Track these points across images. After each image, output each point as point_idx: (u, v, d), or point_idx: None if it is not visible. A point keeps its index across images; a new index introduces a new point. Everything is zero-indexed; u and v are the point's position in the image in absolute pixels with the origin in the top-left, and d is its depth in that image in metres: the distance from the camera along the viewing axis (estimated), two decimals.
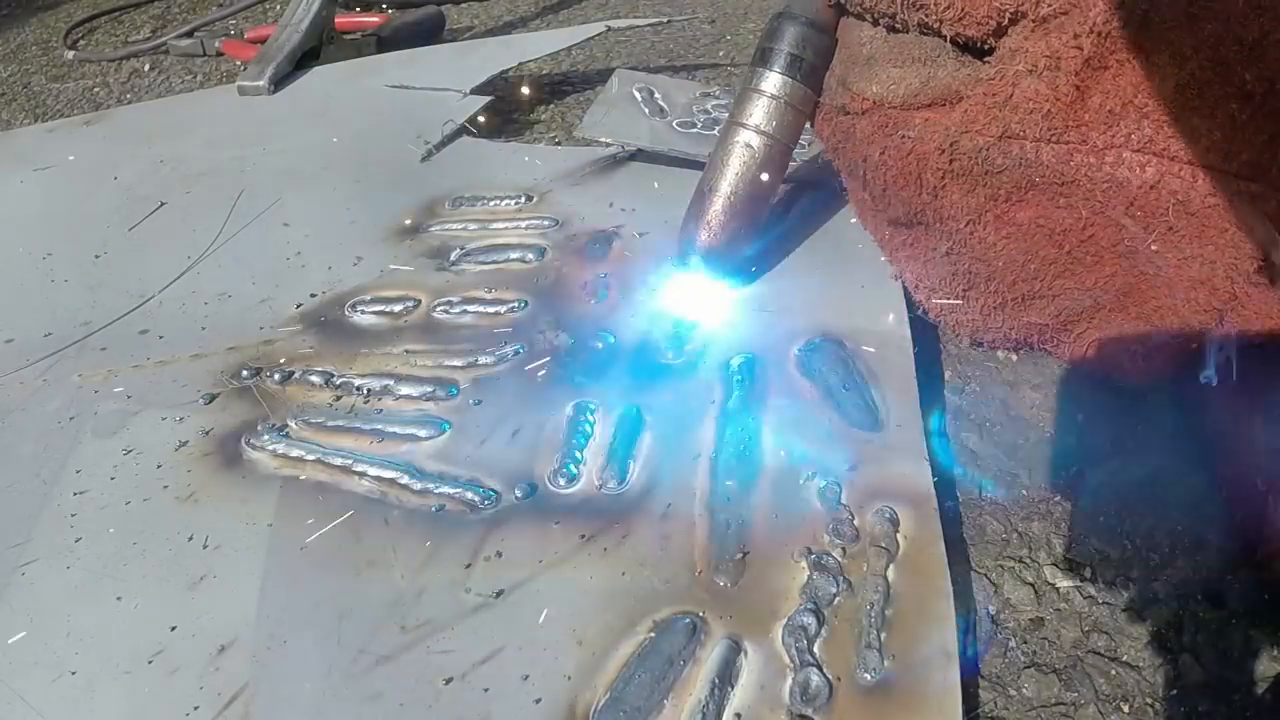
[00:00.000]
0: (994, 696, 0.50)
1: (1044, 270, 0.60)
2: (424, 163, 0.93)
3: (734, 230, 0.68)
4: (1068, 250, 0.58)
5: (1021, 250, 0.59)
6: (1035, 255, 0.59)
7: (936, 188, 0.60)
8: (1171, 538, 0.59)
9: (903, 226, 0.67)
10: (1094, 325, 0.63)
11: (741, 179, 0.67)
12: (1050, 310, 0.62)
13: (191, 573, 0.52)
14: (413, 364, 0.66)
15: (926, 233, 0.64)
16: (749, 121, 0.66)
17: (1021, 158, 0.55)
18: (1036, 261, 0.59)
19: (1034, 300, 0.62)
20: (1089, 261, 0.58)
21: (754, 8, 1.54)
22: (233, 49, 1.39)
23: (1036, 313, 0.63)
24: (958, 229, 0.61)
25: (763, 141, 0.66)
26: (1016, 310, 0.64)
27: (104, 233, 0.84)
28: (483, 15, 1.59)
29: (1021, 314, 0.64)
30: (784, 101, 0.66)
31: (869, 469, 0.56)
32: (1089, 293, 0.60)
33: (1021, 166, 0.55)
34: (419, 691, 0.46)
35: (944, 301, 0.67)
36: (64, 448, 0.61)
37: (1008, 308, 0.64)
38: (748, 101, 0.67)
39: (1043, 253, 0.59)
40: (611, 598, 0.50)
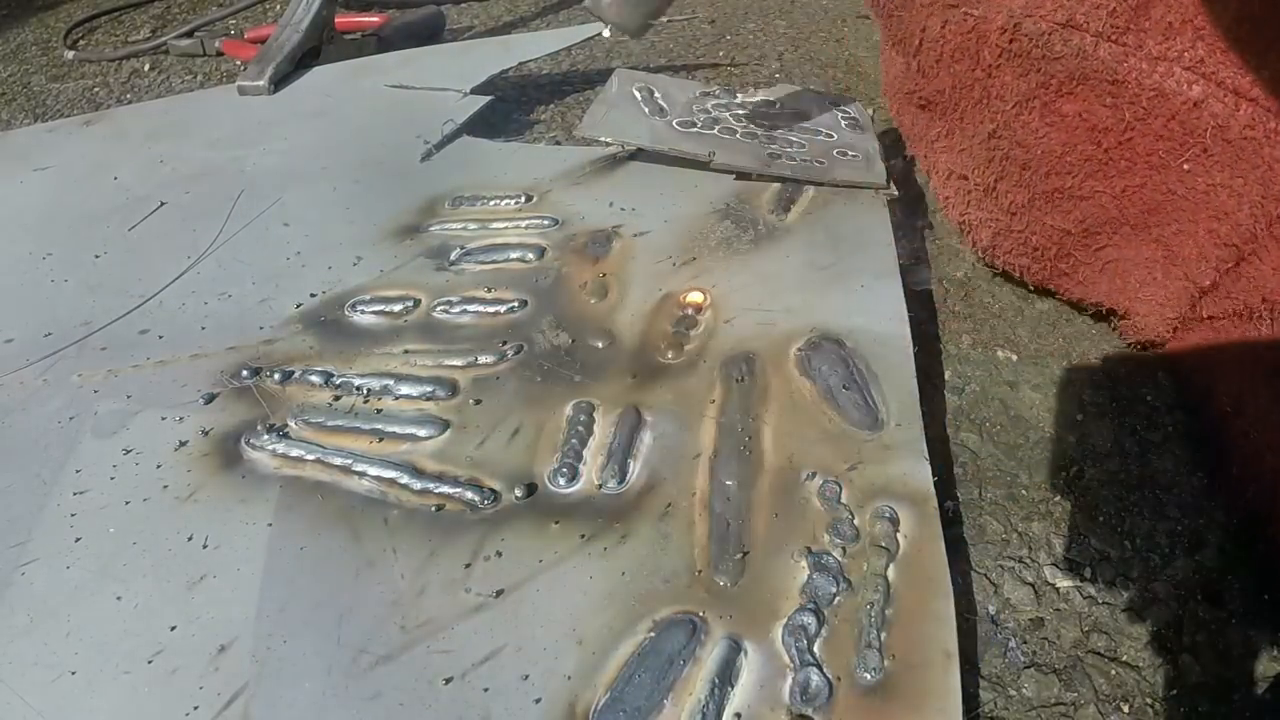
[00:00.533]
0: (994, 696, 0.50)
1: (1079, 166, 0.62)
2: (424, 163, 0.93)
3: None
4: (1105, 149, 0.60)
5: (1061, 141, 0.61)
6: (1073, 149, 0.61)
7: (992, 66, 0.62)
8: (1171, 538, 0.59)
9: (939, 111, 0.68)
10: (1114, 243, 0.64)
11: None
12: (1076, 215, 0.64)
13: (191, 573, 0.52)
14: (413, 364, 0.66)
15: (967, 116, 0.66)
16: None
17: (1080, 49, 0.57)
18: (1074, 155, 0.61)
19: (1063, 200, 0.64)
20: (1122, 166, 0.60)
21: (754, 8, 1.54)
22: (233, 49, 1.39)
23: (1062, 216, 0.65)
24: (1004, 110, 0.63)
25: None
26: (1044, 210, 0.65)
27: (104, 233, 0.84)
28: (483, 15, 1.59)
29: (1047, 215, 0.65)
30: None
31: (869, 469, 0.56)
32: (1116, 201, 0.61)
33: (1078, 57, 0.57)
34: (419, 691, 0.46)
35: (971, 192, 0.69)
36: (64, 448, 0.61)
37: (1036, 205, 0.65)
38: None
39: (1081, 147, 0.61)
40: (611, 598, 0.50)
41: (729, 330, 0.68)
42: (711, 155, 0.85)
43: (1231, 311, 0.59)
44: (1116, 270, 0.66)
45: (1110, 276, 0.66)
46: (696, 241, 0.78)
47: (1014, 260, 0.72)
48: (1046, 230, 0.66)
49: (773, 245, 0.77)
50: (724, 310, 0.70)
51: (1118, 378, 0.71)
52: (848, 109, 0.98)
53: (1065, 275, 0.69)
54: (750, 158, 0.86)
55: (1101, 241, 0.65)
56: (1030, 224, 0.67)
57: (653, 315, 0.70)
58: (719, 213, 0.82)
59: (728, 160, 0.85)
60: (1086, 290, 0.69)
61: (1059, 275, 0.70)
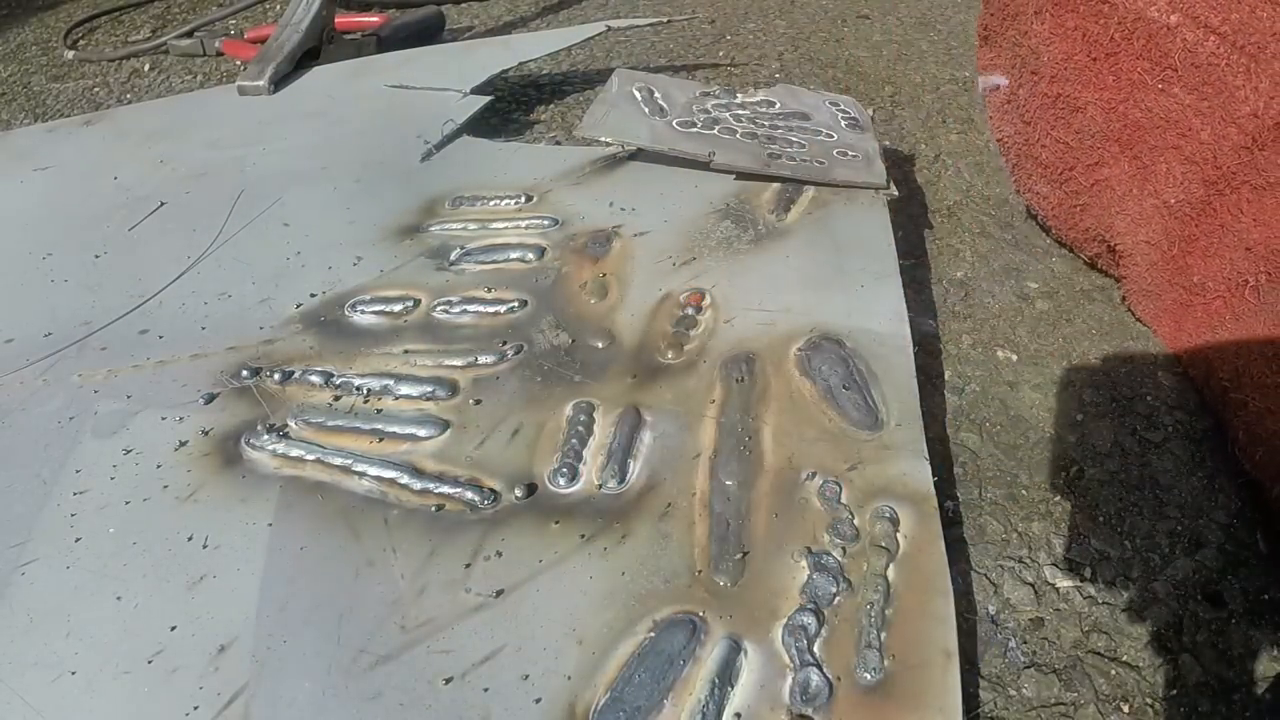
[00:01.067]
0: (994, 696, 0.50)
1: (1075, 75, 0.72)
2: (424, 163, 0.93)
3: None
4: (1095, 60, 0.71)
5: (1063, 50, 0.73)
6: (1071, 58, 0.72)
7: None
8: (1171, 538, 0.59)
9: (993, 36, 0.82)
10: (1103, 160, 0.74)
11: None
12: (1074, 126, 0.75)
13: (191, 573, 0.52)
14: (413, 364, 0.66)
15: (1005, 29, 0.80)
16: None
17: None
18: (1071, 64, 0.72)
19: (1064, 109, 0.75)
20: (1109, 80, 0.70)
21: (754, 8, 1.54)
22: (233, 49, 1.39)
23: (1064, 127, 0.76)
24: (1026, 17, 0.76)
25: None
26: (1050, 121, 0.77)
27: (104, 233, 0.84)
28: (483, 15, 1.59)
29: (1053, 127, 0.77)
30: None
31: (869, 469, 0.56)
32: (1104, 114, 0.72)
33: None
34: (419, 691, 0.46)
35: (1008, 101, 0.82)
36: (64, 448, 0.61)
37: (1044, 115, 0.77)
38: None
39: (1076, 57, 0.72)
40: (611, 598, 0.50)
41: (729, 330, 0.68)
42: (711, 155, 0.85)
43: (1221, 278, 0.64)
44: (1105, 189, 0.76)
45: (1100, 196, 0.76)
46: (696, 241, 0.78)
47: (1036, 187, 0.83)
48: (1053, 144, 0.77)
49: (773, 245, 0.77)
50: (724, 310, 0.70)
51: (1118, 378, 0.71)
52: (848, 109, 0.98)
53: (1070, 199, 0.79)
54: (750, 158, 0.86)
55: (1095, 157, 0.75)
56: (1040, 135, 0.78)
57: (653, 315, 0.70)
58: (719, 213, 0.82)
59: (728, 160, 0.85)
60: (1084, 216, 0.79)
61: (1066, 201, 0.80)
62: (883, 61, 1.31)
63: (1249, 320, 0.63)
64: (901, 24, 1.45)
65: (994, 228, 0.92)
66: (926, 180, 1.01)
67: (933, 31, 1.42)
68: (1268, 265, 0.60)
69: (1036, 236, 0.90)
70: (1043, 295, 0.81)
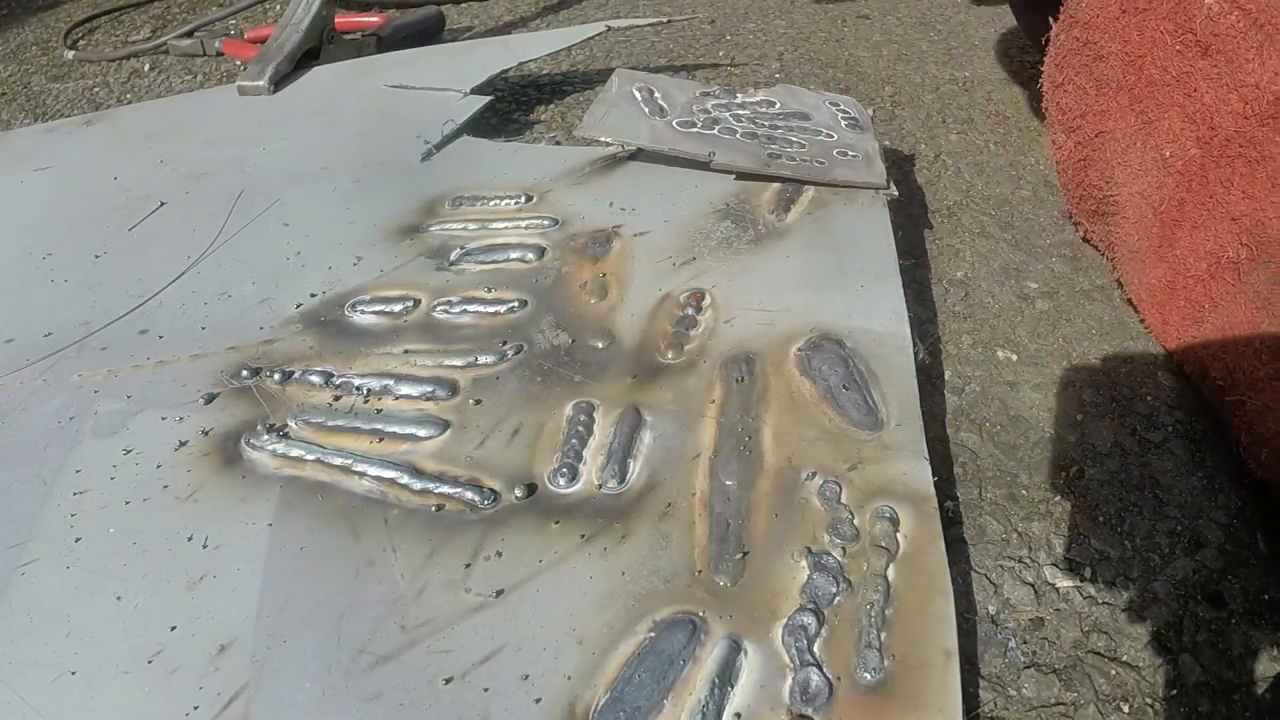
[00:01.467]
0: (994, 696, 0.50)
1: (1105, 24, 0.76)
2: (424, 163, 0.93)
3: None
4: (1125, 13, 0.74)
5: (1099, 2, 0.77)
6: (1105, 8, 0.76)
7: None
8: (1171, 538, 0.59)
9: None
10: (1111, 112, 0.78)
11: None
12: (1094, 73, 0.79)
13: (191, 573, 0.52)
14: (413, 364, 0.66)
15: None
16: None
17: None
18: (1104, 14, 0.76)
19: (1089, 56, 0.79)
20: (1133, 34, 0.73)
21: (754, 8, 1.54)
22: (233, 49, 1.39)
23: (1086, 72, 0.80)
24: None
25: None
26: (1075, 66, 0.81)
27: (104, 233, 0.84)
28: (483, 15, 1.59)
29: (1077, 72, 0.81)
30: None
31: (869, 469, 0.56)
32: (1122, 65, 0.75)
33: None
34: (419, 691, 0.46)
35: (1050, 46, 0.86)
36: (64, 448, 0.61)
37: (1071, 60, 0.81)
38: None
39: (1110, 8, 0.75)
40: (611, 598, 0.50)
41: (729, 330, 0.68)
42: (711, 155, 0.85)
43: (1203, 250, 0.67)
44: (1109, 140, 0.79)
45: (1103, 148, 0.80)
46: (696, 241, 0.78)
47: (1054, 135, 0.87)
48: (1074, 89, 0.82)
49: (773, 245, 0.77)
50: (724, 310, 0.70)
51: (1118, 378, 0.71)
52: (848, 109, 0.98)
53: (1078, 151, 0.83)
54: (750, 158, 0.86)
55: (1106, 106, 0.78)
56: (1066, 79, 0.83)
57: (653, 315, 0.70)
58: (719, 213, 0.82)
59: (728, 160, 0.85)
60: (1088, 170, 0.83)
61: (1074, 153, 0.84)
62: (883, 61, 1.31)
63: (1229, 306, 0.65)
64: (901, 24, 1.45)
65: (994, 228, 0.92)
66: (926, 180, 1.01)
67: (933, 31, 1.42)
68: (1250, 239, 0.62)
69: (1036, 236, 0.90)
70: (1043, 295, 0.81)
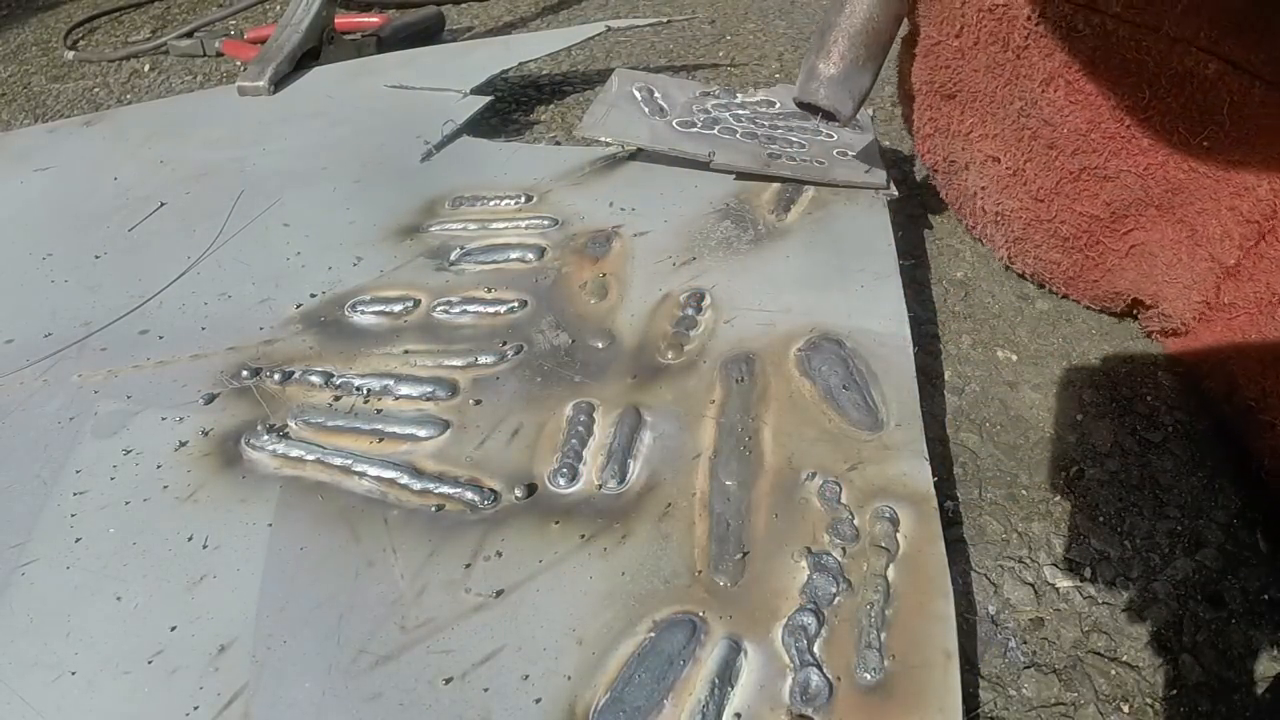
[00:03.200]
0: (994, 696, 0.50)
1: (1104, 145, 0.64)
2: (424, 163, 0.93)
3: (853, 60, 0.71)
4: (1128, 126, 0.62)
5: (1086, 119, 0.64)
6: (1098, 126, 0.63)
7: (1020, 48, 0.65)
8: (1171, 538, 0.59)
9: (969, 100, 0.73)
10: (1140, 225, 0.66)
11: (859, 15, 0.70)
12: (1103, 198, 0.66)
13: (191, 573, 0.52)
14: (413, 364, 0.66)
15: (998, 98, 0.70)
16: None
17: (1101, 28, 0.59)
18: (1098, 133, 0.63)
19: (1090, 181, 0.66)
20: (1145, 144, 0.62)
21: (754, 8, 1.54)
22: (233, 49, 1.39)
23: (1090, 200, 0.67)
24: (1031, 88, 0.66)
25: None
26: (1071, 195, 0.68)
27: (104, 233, 0.84)
28: (483, 15, 1.59)
29: (1075, 201, 0.68)
30: None
31: (869, 469, 0.56)
32: (1140, 180, 0.63)
33: (1100, 37, 0.60)
34: (419, 691, 0.46)
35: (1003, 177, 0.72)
36: (64, 448, 0.61)
37: (1064, 190, 0.68)
38: None
39: (1104, 125, 0.63)
40: (611, 598, 0.50)
41: (729, 330, 0.68)
42: (711, 155, 0.85)
43: (1252, 296, 0.60)
44: (1143, 254, 0.67)
45: (1137, 262, 0.68)
46: (696, 241, 0.78)
47: (1045, 255, 0.74)
48: (1076, 218, 0.69)
49: (773, 245, 0.77)
50: (724, 310, 0.70)
51: (1118, 378, 0.71)
52: None
53: (1094, 265, 0.72)
54: (750, 158, 0.86)
55: (1129, 225, 0.66)
56: (1059, 211, 0.70)
57: (653, 315, 0.70)
58: (719, 213, 0.82)
59: (728, 160, 0.85)
60: (1114, 280, 0.71)
61: (1089, 267, 0.72)
62: None
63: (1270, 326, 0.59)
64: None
65: None
66: (926, 180, 1.01)
67: None
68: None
69: None
70: (1043, 295, 0.80)
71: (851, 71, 0.71)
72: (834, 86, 0.71)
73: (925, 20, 0.73)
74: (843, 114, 0.73)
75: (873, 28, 0.71)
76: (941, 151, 0.80)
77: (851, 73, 0.71)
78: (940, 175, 0.84)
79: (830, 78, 0.71)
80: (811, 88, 0.72)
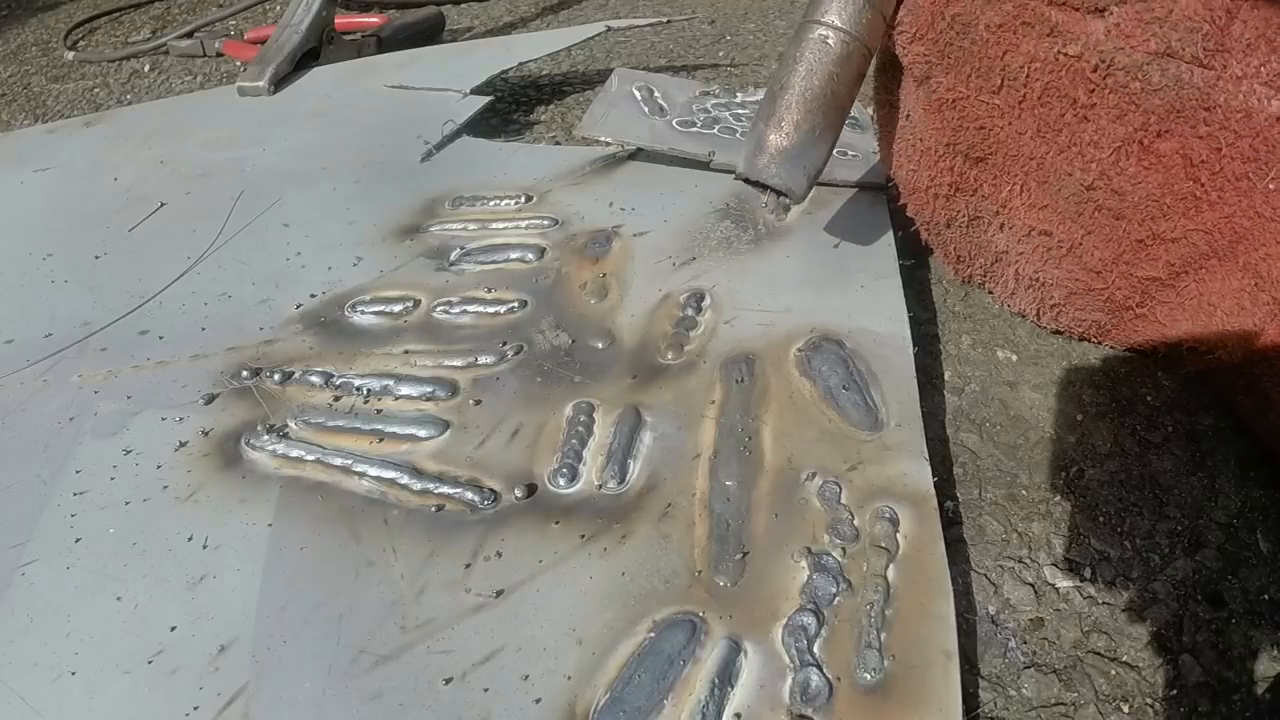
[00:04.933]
0: (994, 696, 0.50)
1: (1176, 206, 0.57)
2: (424, 163, 0.93)
3: (808, 130, 0.61)
4: (1201, 184, 0.56)
5: (1159, 183, 0.57)
6: (1170, 189, 0.57)
7: (1086, 107, 0.57)
8: (1171, 538, 0.59)
9: (1005, 163, 0.63)
10: (1198, 278, 0.61)
11: (816, 75, 0.61)
12: (1165, 259, 0.60)
13: (191, 573, 0.52)
14: (413, 364, 0.66)
15: (1050, 165, 0.61)
16: (824, 18, 0.61)
17: (1177, 78, 0.53)
18: (1170, 196, 0.57)
19: (1154, 246, 0.60)
20: (1214, 198, 0.56)
21: (754, 8, 1.54)
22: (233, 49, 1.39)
23: (1151, 264, 0.61)
24: (1101, 158, 0.58)
25: (839, 38, 0.61)
26: (1132, 262, 0.62)
27: (104, 233, 0.84)
28: (483, 15, 1.59)
29: (1136, 267, 0.62)
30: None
31: (869, 469, 0.56)
32: (1206, 237, 0.58)
33: (1176, 88, 0.54)
34: (419, 691, 0.46)
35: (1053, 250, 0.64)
36: (64, 448, 0.61)
37: (1124, 259, 0.62)
38: None
39: (1178, 186, 0.56)
40: (611, 598, 0.50)
41: (729, 331, 0.68)
42: (711, 155, 0.85)
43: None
44: (1200, 305, 0.61)
45: (1193, 313, 0.62)
46: (696, 241, 0.78)
47: (1085, 317, 0.68)
48: (1133, 283, 0.63)
49: (773, 245, 0.77)
50: (724, 310, 0.70)
51: (1118, 378, 0.71)
52: None
53: (1145, 323, 0.66)
54: None
55: (1188, 280, 0.61)
56: (1116, 280, 0.63)
57: (653, 315, 0.70)
58: (719, 213, 0.82)
59: (728, 160, 0.85)
60: (1165, 332, 0.65)
61: (1137, 325, 0.67)
62: None
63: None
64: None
65: None
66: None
67: None
68: None
69: None
70: None
71: (806, 144, 0.61)
72: (786, 162, 0.61)
73: (942, 69, 0.62)
74: (795, 194, 0.63)
75: (832, 91, 0.61)
76: (965, 210, 0.70)
77: (806, 146, 0.61)
78: (956, 230, 0.74)
79: (782, 151, 0.61)
80: (760, 164, 0.62)
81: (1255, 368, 0.62)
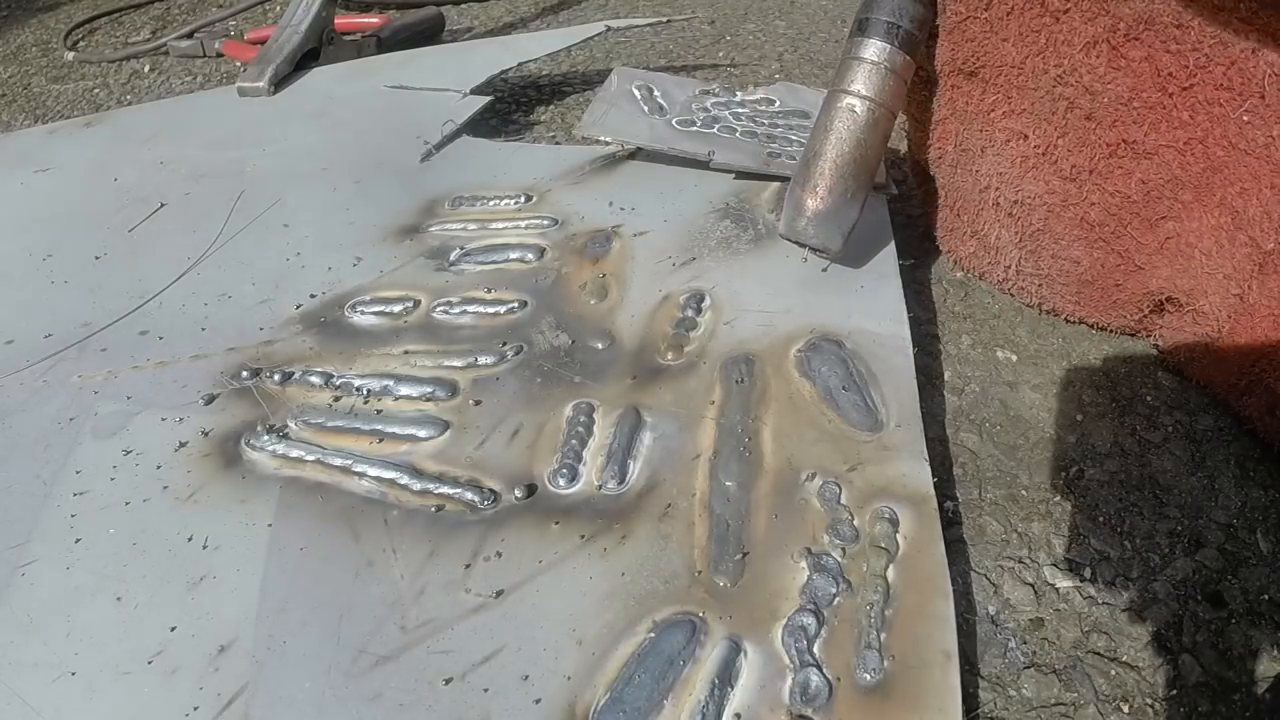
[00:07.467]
0: (994, 696, 0.50)
1: (1145, 115, 0.61)
2: (424, 163, 0.93)
3: (841, 194, 0.68)
4: (1170, 95, 0.59)
5: (1129, 86, 0.61)
6: (1139, 94, 0.61)
7: (1059, 11, 0.62)
8: (1171, 538, 0.59)
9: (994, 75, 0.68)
10: (1174, 213, 0.64)
11: (846, 142, 0.68)
12: (1138, 175, 0.63)
13: (191, 573, 0.52)
14: (412, 364, 0.67)
15: (1029, 66, 0.65)
16: (850, 87, 0.68)
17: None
18: (1139, 101, 0.61)
19: (1126, 157, 0.63)
20: (1185, 116, 0.59)
21: (754, 8, 1.54)
22: (233, 50, 1.39)
23: (1124, 177, 0.64)
24: (1071, 54, 0.62)
25: (865, 106, 0.68)
26: (1105, 174, 0.65)
27: (104, 234, 0.84)
28: (483, 16, 1.59)
29: (1108, 179, 0.65)
30: (884, 67, 0.67)
31: (869, 469, 0.56)
32: (1179, 157, 0.61)
33: (1146, 1, 0.57)
34: (419, 691, 0.46)
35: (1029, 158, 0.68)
36: (64, 448, 0.61)
37: (1097, 169, 0.65)
38: (849, 69, 0.69)
39: (1146, 94, 0.60)
40: (611, 598, 0.50)
41: (729, 331, 0.68)
42: (711, 155, 0.85)
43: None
44: (1179, 247, 0.64)
45: (1172, 256, 0.65)
46: (696, 241, 0.78)
47: (1064, 253, 0.71)
48: (1106, 199, 0.66)
49: (773, 245, 0.77)
50: (724, 311, 0.70)
51: (1118, 378, 0.71)
52: None
53: (1121, 262, 0.69)
54: (750, 157, 0.86)
55: (1162, 210, 0.64)
56: (1089, 192, 0.67)
57: (652, 316, 0.70)
58: (719, 213, 0.82)
59: (727, 160, 0.85)
60: (1145, 279, 0.68)
61: (1112, 267, 0.69)
62: None
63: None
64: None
65: None
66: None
67: None
68: None
69: None
70: None
71: (840, 206, 0.68)
72: (823, 224, 0.68)
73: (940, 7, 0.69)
74: (832, 251, 0.70)
75: (861, 155, 0.68)
76: (954, 139, 0.76)
77: (840, 207, 0.68)
78: (946, 169, 0.78)
79: (818, 214, 0.68)
80: (799, 227, 0.69)
81: (1256, 366, 0.62)
